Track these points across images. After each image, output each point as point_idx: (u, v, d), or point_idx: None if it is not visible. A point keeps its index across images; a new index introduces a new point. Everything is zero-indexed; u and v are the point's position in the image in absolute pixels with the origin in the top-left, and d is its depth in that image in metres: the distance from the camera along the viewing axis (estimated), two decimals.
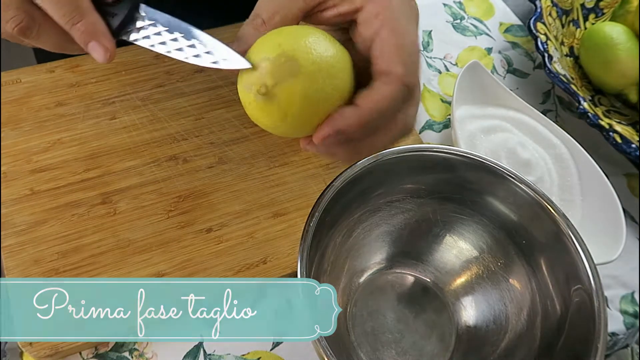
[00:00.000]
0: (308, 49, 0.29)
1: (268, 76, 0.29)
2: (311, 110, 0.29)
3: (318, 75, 0.29)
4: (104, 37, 0.32)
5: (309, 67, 0.28)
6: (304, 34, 0.29)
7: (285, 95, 0.29)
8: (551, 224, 0.37)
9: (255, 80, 0.29)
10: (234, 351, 0.42)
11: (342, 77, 0.30)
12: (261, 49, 0.30)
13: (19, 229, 0.43)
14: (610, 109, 0.58)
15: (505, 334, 0.40)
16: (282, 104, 0.29)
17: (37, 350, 0.39)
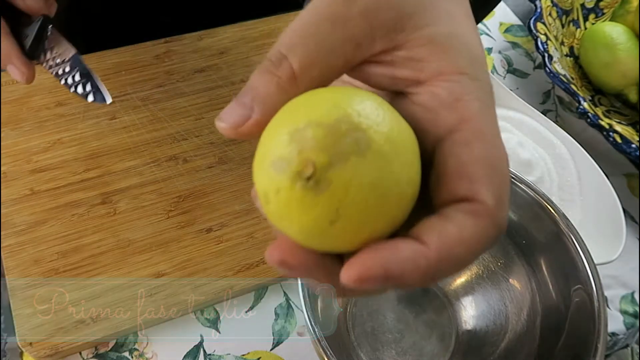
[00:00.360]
0: (378, 118, 0.19)
1: (319, 150, 0.18)
2: (377, 211, 0.19)
3: (394, 158, 0.19)
4: (18, 60, 0.32)
5: (382, 143, 0.18)
6: (363, 97, 0.20)
7: (344, 184, 0.18)
8: (551, 224, 0.37)
9: (295, 156, 0.18)
10: (234, 351, 0.42)
11: (417, 167, 0.20)
12: (305, 108, 0.20)
13: (19, 228, 0.43)
14: (610, 109, 0.58)
15: (505, 334, 0.40)
16: (338, 198, 0.18)
17: (37, 350, 0.39)
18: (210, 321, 0.43)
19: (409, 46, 0.20)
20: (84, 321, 0.40)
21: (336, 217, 0.18)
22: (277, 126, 0.20)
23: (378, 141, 0.18)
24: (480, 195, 0.19)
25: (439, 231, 0.19)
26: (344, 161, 0.18)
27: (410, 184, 0.19)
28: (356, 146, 0.18)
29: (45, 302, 0.41)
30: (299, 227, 0.19)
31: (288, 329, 0.44)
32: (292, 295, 0.45)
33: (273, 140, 0.19)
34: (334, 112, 0.19)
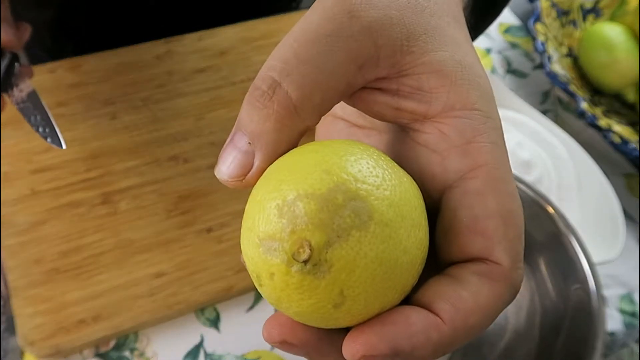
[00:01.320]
0: (377, 180, 0.17)
1: (315, 228, 0.16)
2: (386, 285, 0.16)
3: (399, 224, 0.16)
4: None
5: (384, 210, 0.16)
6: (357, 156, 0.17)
7: (346, 263, 0.16)
8: (550, 224, 0.37)
9: (286, 236, 0.16)
10: (234, 351, 0.42)
11: (425, 227, 0.18)
12: (291, 173, 0.17)
13: (19, 228, 0.43)
14: (609, 109, 0.58)
15: (505, 333, 0.40)
16: (340, 279, 0.16)
17: (38, 350, 0.39)
18: (210, 321, 0.43)
19: (416, 72, 0.18)
20: (84, 321, 0.40)
21: (341, 300, 0.16)
22: (263, 194, 0.17)
23: (380, 209, 0.16)
24: (496, 255, 0.17)
25: (453, 299, 0.17)
26: (345, 238, 0.15)
27: (420, 248, 0.17)
28: (357, 219, 0.16)
29: (46, 301, 0.41)
30: (299, 311, 0.17)
31: None
32: None
33: (260, 214, 0.16)
34: (326, 179, 0.16)
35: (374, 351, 0.15)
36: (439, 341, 0.16)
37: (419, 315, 0.16)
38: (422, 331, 0.16)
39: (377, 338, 0.15)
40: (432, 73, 0.18)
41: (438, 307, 0.16)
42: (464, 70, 0.18)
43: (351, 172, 0.16)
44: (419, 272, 0.17)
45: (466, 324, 0.16)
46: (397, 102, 0.18)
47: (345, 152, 0.17)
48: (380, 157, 0.18)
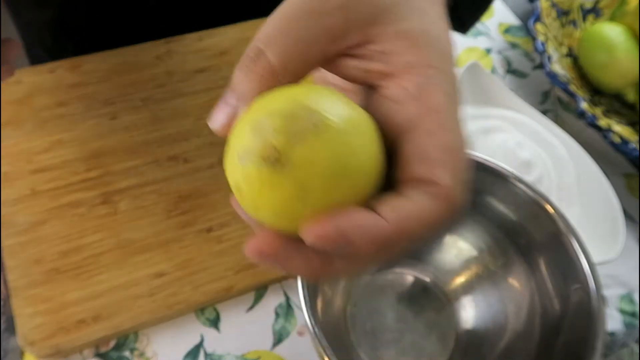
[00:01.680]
0: (334, 105, 0.20)
1: (279, 134, 0.19)
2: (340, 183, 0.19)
3: (352, 134, 0.20)
4: None
5: (338, 122, 0.20)
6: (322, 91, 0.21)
7: (305, 160, 0.19)
8: (550, 224, 0.37)
9: (258, 144, 0.19)
10: (234, 351, 0.42)
11: (377, 145, 0.21)
12: (265, 105, 0.20)
13: (19, 228, 0.43)
14: (609, 109, 0.58)
15: (505, 333, 0.40)
16: (301, 174, 0.19)
17: (38, 350, 0.39)
18: (210, 321, 0.43)
19: (381, 40, 0.21)
20: (84, 321, 0.40)
21: (304, 193, 0.19)
22: (240, 123, 0.21)
23: (334, 120, 0.19)
24: (437, 176, 0.20)
25: (395, 206, 0.20)
26: (303, 140, 0.19)
27: (371, 159, 0.20)
28: (314, 127, 0.19)
29: (46, 301, 0.41)
30: (272, 210, 0.20)
31: (288, 328, 0.44)
32: (292, 295, 0.45)
33: (238, 136, 0.21)
34: (291, 103, 0.20)
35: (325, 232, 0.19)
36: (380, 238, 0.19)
37: (365, 214, 0.19)
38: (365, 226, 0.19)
39: (331, 225, 0.19)
40: (396, 39, 0.21)
41: (382, 210, 0.20)
42: (425, 34, 0.22)
43: (313, 98, 0.20)
44: (370, 182, 0.20)
45: (406, 227, 0.19)
46: (365, 65, 0.22)
47: (312, 89, 0.21)
48: (342, 96, 0.21)
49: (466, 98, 0.54)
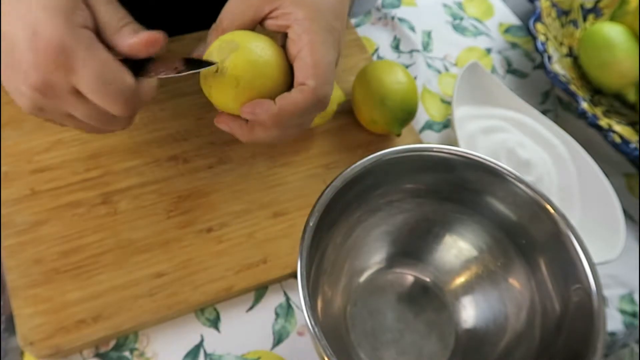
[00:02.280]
0: (245, 35, 0.37)
1: (216, 58, 0.36)
2: (257, 72, 0.35)
3: (255, 47, 0.36)
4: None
5: (246, 43, 0.36)
6: (247, 33, 0.37)
7: (233, 65, 0.35)
8: (550, 224, 0.37)
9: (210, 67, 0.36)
10: (234, 351, 0.42)
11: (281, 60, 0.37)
12: (214, 45, 0.37)
13: (19, 228, 0.43)
14: (609, 109, 0.58)
15: (505, 333, 0.40)
16: (233, 72, 0.35)
17: (38, 350, 0.39)
18: (210, 321, 0.43)
19: (283, 7, 0.37)
20: (84, 321, 0.40)
21: (237, 83, 0.35)
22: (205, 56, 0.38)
23: (243, 42, 0.36)
24: (307, 81, 0.35)
25: (283, 97, 0.35)
26: (228, 56, 0.35)
27: (273, 67, 0.36)
28: (232, 48, 0.36)
29: (45, 301, 0.41)
30: (224, 99, 0.37)
31: (288, 328, 0.44)
32: (292, 295, 0.45)
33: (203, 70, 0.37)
34: (226, 39, 0.36)
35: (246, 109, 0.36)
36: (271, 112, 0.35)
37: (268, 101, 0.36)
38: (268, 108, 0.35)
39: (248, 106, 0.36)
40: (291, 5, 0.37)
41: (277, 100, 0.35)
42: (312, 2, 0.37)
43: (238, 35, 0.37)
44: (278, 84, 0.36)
45: (285, 107, 0.35)
46: (276, 22, 0.38)
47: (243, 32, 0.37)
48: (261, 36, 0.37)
49: (467, 98, 0.54)
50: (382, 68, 0.50)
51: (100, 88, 0.33)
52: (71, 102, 0.34)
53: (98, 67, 0.32)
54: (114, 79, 0.33)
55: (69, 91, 0.33)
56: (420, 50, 0.62)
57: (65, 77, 0.33)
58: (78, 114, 0.35)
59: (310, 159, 0.50)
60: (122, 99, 0.34)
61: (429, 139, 0.56)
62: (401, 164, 0.39)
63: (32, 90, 0.33)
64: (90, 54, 0.33)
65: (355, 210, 0.41)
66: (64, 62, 0.32)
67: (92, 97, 0.33)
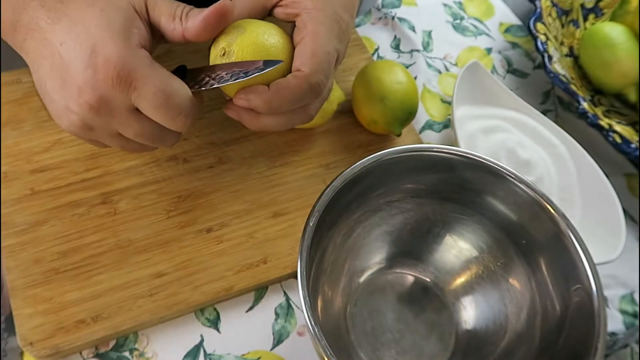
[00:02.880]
0: (253, 21, 0.37)
1: (223, 42, 0.36)
2: (261, 54, 0.35)
3: (262, 32, 0.36)
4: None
5: (254, 28, 0.36)
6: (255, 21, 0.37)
7: (239, 47, 0.35)
8: (551, 224, 0.37)
9: (217, 51, 0.36)
10: (234, 351, 0.42)
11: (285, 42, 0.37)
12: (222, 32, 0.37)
13: (19, 228, 0.43)
14: (609, 109, 0.58)
15: (505, 333, 0.40)
16: (239, 55, 0.35)
17: (37, 350, 0.39)
18: (210, 321, 0.43)
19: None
20: (84, 321, 0.40)
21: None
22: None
23: (249, 27, 0.36)
24: (302, 67, 0.36)
25: (278, 82, 0.35)
26: (235, 40, 0.35)
27: (282, 53, 0.36)
28: (238, 32, 0.36)
29: (45, 302, 0.41)
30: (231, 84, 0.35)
31: (288, 329, 0.44)
32: (292, 295, 0.45)
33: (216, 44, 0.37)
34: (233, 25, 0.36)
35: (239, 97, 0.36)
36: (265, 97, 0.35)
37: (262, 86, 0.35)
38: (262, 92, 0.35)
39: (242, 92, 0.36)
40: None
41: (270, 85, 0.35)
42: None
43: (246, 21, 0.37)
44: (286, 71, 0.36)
45: (278, 92, 0.35)
46: (285, 10, 0.38)
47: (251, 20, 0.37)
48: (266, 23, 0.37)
49: (467, 98, 0.54)
50: (382, 68, 0.50)
51: (162, 103, 0.34)
52: (126, 120, 0.35)
53: (160, 82, 0.33)
54: (176, 93, 0.34)
55: (127, 108, 0.34)
56: (420, 50, 0.62)
57: (125, 94, 0.33)
58: (130, 133, 0.36)
59: (310, 159, 0.50)
60: (183, 113, 0.35)
61: (429, 139, 0.56)
62: (401, 164, 0.39)
63: (85, 108, 0.34)
64: (151, 71, 0.34)
65: (355, 210, 0.41)
66: (125, 78, 0.33)
67: (152, 112, 0.34)
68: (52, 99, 0.35)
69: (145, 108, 0.34)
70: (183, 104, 0.34)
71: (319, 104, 0.39)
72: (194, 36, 0.35)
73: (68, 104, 0.34)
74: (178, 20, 0.36)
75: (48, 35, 0.34)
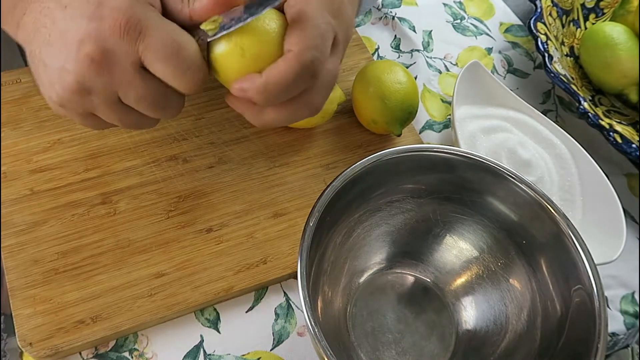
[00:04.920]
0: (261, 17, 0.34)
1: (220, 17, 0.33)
2: (263, 40, 0.33)
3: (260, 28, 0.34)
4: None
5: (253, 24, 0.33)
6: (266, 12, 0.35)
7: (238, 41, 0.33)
8: (551, 224, 0.37)
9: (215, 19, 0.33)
10: (234, 351, 0.42)
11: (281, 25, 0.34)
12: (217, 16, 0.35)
13: (19, 228, 0.43)
14: (610, 109, 0.58)
15: (506, 334, 0.40)
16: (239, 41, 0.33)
17: (37, 350, 0.39)
18: (210, 321, 0.43)
19: None
20: (84, 321, 0.40)
21: (243, 53, 0.33)
22: None
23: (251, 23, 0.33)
24: (291, 47, 0.33)
25: (269, 68, 0.33)
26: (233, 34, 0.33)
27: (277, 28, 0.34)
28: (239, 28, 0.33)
29: (45, 302, 0.41)
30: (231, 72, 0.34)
31: (288, 329, 0.44)
32: (292, 295, 0.45)
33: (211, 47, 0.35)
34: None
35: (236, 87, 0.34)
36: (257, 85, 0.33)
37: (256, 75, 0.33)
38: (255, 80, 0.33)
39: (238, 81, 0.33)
40: None
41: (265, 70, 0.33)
42: None
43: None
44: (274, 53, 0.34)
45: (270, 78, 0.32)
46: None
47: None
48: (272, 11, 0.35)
49: (467, 98, 0.54)
50: (382, 68, 0.50)
51: (174, 53, 0.31)
52: (129, 78, 0.32)
53: (172, 32, 0.31)
54: (187, 46, 0.32)
55: (132, 63, 0.31)
56: (420, 50, 0.62)
57: (132, 45, 0.31)
58: (131, 96, 0.33)
59: (310, 159, 0.50)
60: (193, 67, 0.32)
61: (429, 139, 0.56)
62: (401, 164, 0.39)
63: (85, 64, 0.31)
64: (162, 21, 0.31)
65: (355, 211, 0.41)
66: (134, 26, 0.30)
67: (161, 65, 0.31)
68: (45, 64, 0.33)
69: (153, 60, 0.31)
70: (194, 57, 0.32)
71: (322, 92, 0.36)
72: (201, 18, 0.33)
73: (64, 64, 0.31)
74: (186, 0, 0.33)
75: (51, 4, 0.32)
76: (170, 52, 0.31)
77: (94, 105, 0.33)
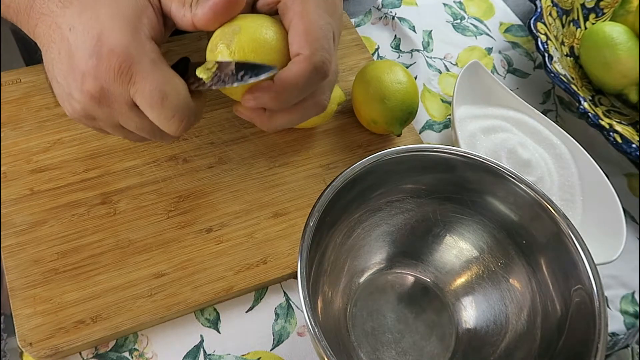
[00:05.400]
0: (245, 16, 0.35)
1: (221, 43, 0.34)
2: (263, 49, 0.34)
3: (258, 25, 0.34)
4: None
5: (247, 25, 0.34)
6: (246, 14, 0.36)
7: (239, 47, 0.34)
8: (551, 224, 0.37)
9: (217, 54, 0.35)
10: (234, 351, 0.42)
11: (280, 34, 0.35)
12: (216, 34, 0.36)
13: (19, 229, 0.43)
14: (610, 109, 0.58)
15: (506, 334, 0.40)
16: (241, 51, 0.34)
17: (37, 350, 0.39)
18: (210, 321, 0.43)
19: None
20: (84, 321, 0.40)
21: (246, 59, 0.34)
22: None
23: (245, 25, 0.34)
24: (300, 50, 0.33)
25: (280, 73, 0.34)
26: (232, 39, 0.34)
27: (275, 40, 0.35)
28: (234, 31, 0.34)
29: (45, 302, 0.41)
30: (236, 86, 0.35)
31: (288, 329, 0.44)
32: (292, 295, 0.45)
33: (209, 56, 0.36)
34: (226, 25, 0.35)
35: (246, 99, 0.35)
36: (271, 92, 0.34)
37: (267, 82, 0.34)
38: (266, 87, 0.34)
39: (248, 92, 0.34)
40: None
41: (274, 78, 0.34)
42: None
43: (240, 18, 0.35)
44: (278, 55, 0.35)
45: (282, 83, 0.33)
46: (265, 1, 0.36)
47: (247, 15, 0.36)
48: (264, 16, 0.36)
49: (467, 98, 0.54)
50: (382, 68, 0.50)
51: (157, 103, 0.33)
52: (125, 113, 0.34)
53: (159, 81, 0.33)
54: (173, 94, 0.33)
55: (126, 102, 0.34)
56: (420, 50, 0.62)
57: (124, 88, 0.33)
58: (131, 126, 0.35)
59: (310, 159, 0.50)
60: (177, 116, 0.34)
61: (429, 139, 0.56)
62: (401, 164, 0.39)
63: (87, 97, 0.33)
64: (153, 67, 0.33)
65: (356, 210, 0.41)
66: (126, 71, 0.32)
67: (147, 110, 0.33)
68: (59, 82, 0.35)
69: (141, 105, 0.33)
70: (179, 106, 0.33)
71: (328, 91, 0.37)
72: (202, 24, 0.34)
73: (71, 91, 0.34)
74: (188, 6, 0.34)
75: (58, 19, 0.33)
76: (156, 100, 0.33)
77: (100, 126, 0.37)
